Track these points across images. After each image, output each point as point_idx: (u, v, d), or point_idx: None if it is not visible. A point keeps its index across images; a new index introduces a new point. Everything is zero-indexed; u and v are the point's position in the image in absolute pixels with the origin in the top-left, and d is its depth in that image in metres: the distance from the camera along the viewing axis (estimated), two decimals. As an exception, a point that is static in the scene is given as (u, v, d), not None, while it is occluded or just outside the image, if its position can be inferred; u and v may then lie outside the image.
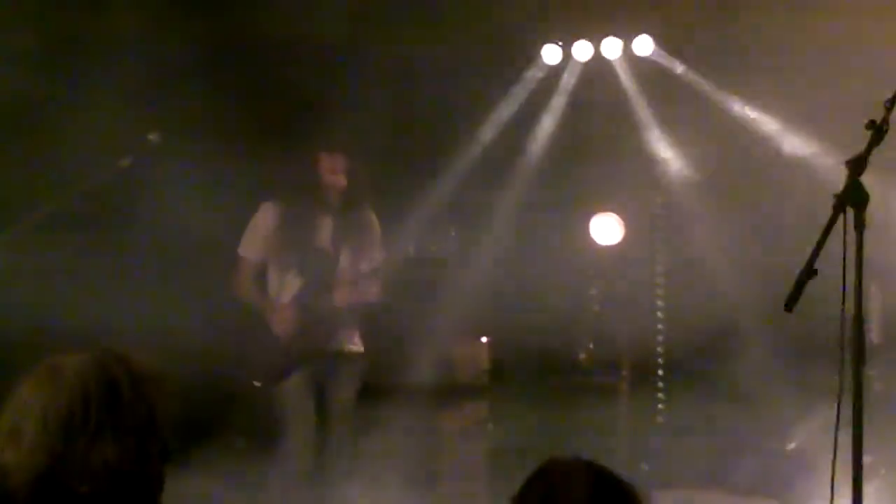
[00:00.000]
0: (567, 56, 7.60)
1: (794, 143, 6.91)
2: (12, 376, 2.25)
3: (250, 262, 5.95)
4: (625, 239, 7.61)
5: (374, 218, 6.02)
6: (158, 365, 2.27)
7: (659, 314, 7.60)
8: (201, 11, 6.71)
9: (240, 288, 5.95)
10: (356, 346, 5.96)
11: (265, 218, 5.94)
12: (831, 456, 3.19)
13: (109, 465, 2.15)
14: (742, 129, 7.08)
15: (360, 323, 5.98)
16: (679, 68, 7.30)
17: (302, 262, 5.87)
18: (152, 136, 5.36)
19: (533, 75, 7.68)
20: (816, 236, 3.11)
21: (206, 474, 5.32)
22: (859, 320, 3.14)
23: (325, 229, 5.93)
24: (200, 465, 5.31)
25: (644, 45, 7.37)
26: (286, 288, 5.88)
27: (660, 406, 7.47)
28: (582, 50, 7.54)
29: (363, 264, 5.94)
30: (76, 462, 2.14)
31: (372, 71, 7.01)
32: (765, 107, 7.06)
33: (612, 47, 7.48)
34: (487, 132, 7.62)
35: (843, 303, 3.14)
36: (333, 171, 5.87)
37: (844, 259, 3.13)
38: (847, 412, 3.15)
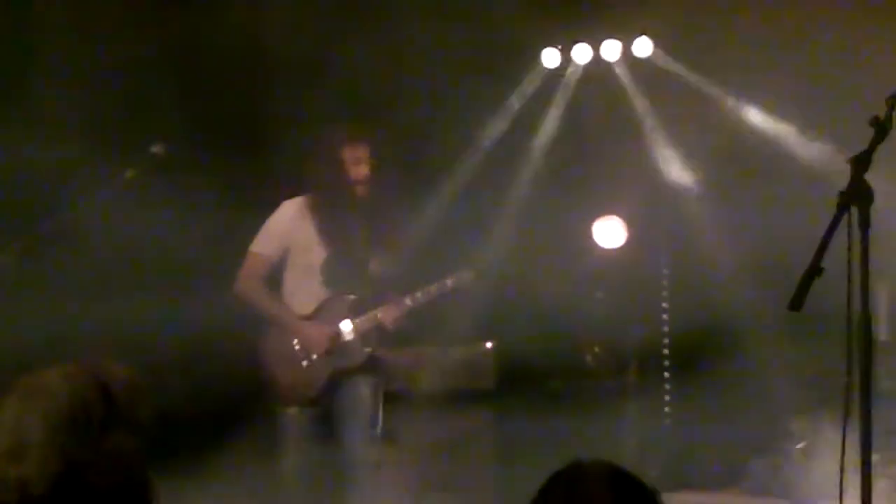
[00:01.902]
0: (567, 59, 7.59)
1: (798, 143, 6.90)
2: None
3: (263, 260, 5.51)
4: (629, 242, 7.60)
5: (400, 219, 5.74)
6: (134, 372, 2.29)
7: (665, 316, 7.59)
8: (167, 13, 6.60)
9: (247, 289, 5.50)
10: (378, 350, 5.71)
11: (285, 215, 5.54)
12: (839, 455, 3.17)
13: (122, 456, 2.18)
14: (744, 129, 7.07)
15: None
16: (679, 69, 7.29)
17: (329, 268, 5.50)
18: (156, 148, 5.30)
19: (532, 79, 7.67)
20: (821, 235, 3.09)
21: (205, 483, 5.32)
22: (867, 318, 3.13)
23: (353, 231, 5.55)
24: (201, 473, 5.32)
25: (644, 47, 7.36)
26: (307, 296, 5.51)
27: (667, 409, 7.46)
28: (581, 53, 7.54)
29: (391, 270, 5.64)
30: (90, 458, 2.15)
31: (367, 75, 6.99)
32: (767, 106, 7.05)
33: (611, 49, 7.47)
34: (488, 137, 7.60)
35: (849, 301, 3.13)
36: (357, 162, 5.47)
37: (850, 257, 3.11)
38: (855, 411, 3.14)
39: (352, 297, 5.54)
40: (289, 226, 5.52)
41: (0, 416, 2.21)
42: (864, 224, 3.11)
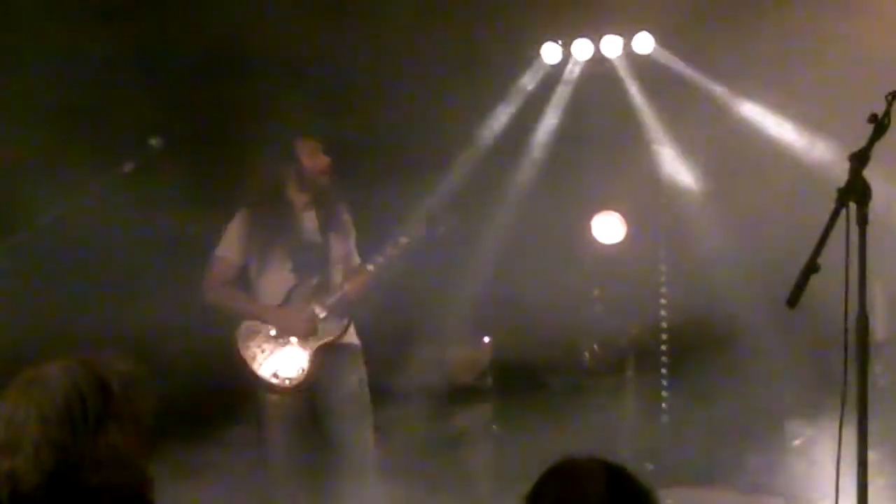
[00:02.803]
0: (567, 55, 7.58)
1: (796, 139, 6.90)
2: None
3: (228, 262, 5.71)
4: (627, 238, 7.60)
5: (349, 216, 5.89)
6: (135, 367, 2.28)
7: (662, 313, 7.58)
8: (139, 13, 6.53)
9: (214, 294, 5.69)
10: (353, 338, 5.83)
11: (243, 219, 5.73)
12: (836, 452, 3.17)
13: (117, 452, 2.16)
14: (743, 126, 7.07)
15: (352, 315, 5.81)
16: (680, 65, 7.28)
17: (293, 257, 5.68)
18: (154, 141, 5.30)
19: (533, 75, 7.66)
20: (819, 232, 3.09)
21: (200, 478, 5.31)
22: (864, 316, 3.13)
23: (310, 222, 5.76)
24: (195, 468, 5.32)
25: (644, 43, 7.36)
26: (277, 286, 5.68)
27: (664, 405, 7.46)
28: (582, 48, 7.52)
29: (351, 259, 5.83)
30: (84, 454, 2.14)
31: (363, 70, 6.98)
32: (766, 102, 7.04)
33: (612, 45, 7.46)
34: (488, 132, 7.59)
35: (847, 298, 3.12)
36: (314, 153, 5.72)
37: (847, 254, 3.11)
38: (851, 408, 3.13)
39: (316, 280, 5.70)
40: (247, 227, 5.70)
41: None
42: (862, 221, 3.11)
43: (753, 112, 7.11)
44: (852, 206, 3.11)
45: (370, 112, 6.94)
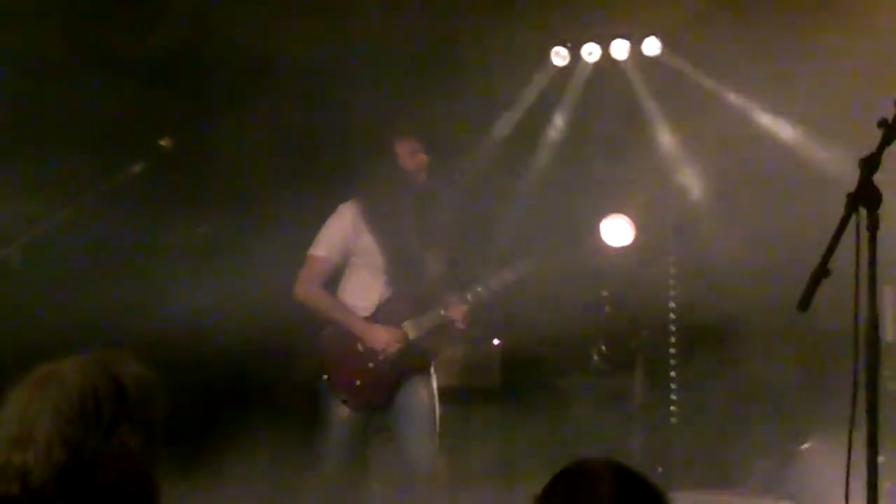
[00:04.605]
0: (575, 58, 7.60)
1: (806, 142, 6.90)
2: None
3: (324, 263, 5.40)
4: (636, 240, 7.59)
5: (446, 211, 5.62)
6: (148, 369, 2.29)
7: (671, 315, 7.58)
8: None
9: (309, 293, 5.38)
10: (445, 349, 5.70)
11: (344, 218, 5.42)
12: (845, 455, 3.18)
13: (128, 453, 2.17)
14: (752, 130, 7.07)
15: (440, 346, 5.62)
16: (688, 68, 7.29)
17: (390, 267, 5.37)
18: (164, 142, 5.30)
19: (541, 78, 7.67)
20: (829, 236, 3.10)
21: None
22: (873, 319, 3.13)
23: (410, 230, 5.45)
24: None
25: (652, 47, 7.37)
26: (369, 296, 5.40)
27: (673, 408, 7.46)
28: (590, 52, 7.54)
29: (446, 279, 5.53)
30: (96, 453, 2.14)
31: (374, 70, 6.99)
32: (775, 107, 7.05)
33: (620, 49, 7.48)
34: (497, 135, 7.61)
35: (857, 302, 3.13)
36: (413, 152, 5.42)
37: (857, 258, 3.11)
38: (861, 411, 3.14)
39: (414, 295, 5.43)
40: (349, 228, 5.41)
41: (11, 403, 2.20)
42: (873, 226, 3.11)
43: (762, 115, 7.12)
44: (862, 210, 3.11)
45: (376, 115, 6.95)
